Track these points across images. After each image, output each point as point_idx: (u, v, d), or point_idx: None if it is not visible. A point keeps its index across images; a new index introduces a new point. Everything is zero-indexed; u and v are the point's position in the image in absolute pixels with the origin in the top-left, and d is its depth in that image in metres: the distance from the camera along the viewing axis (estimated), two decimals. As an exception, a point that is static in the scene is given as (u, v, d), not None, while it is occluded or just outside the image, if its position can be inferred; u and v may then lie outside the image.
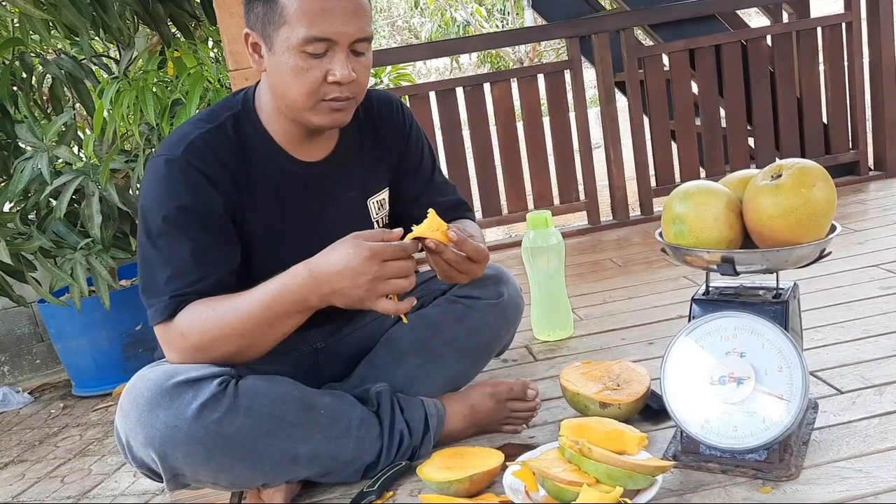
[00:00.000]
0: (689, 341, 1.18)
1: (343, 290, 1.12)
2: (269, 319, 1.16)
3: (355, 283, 1.11)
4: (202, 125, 1.24)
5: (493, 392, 1.40)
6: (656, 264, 2.51)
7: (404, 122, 1.45)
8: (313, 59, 1.15)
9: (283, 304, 1.16)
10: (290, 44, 1.15)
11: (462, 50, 3.58)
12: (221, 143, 1.23)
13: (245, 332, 1.16)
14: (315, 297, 1.15)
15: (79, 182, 2.55)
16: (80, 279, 2.60)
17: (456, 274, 1.20)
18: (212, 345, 1.17)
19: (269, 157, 1.27)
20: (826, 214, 1.08)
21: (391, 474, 1.27)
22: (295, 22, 1.13)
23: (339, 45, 1.16)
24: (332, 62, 1.16)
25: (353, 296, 1.13)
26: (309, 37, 1.13)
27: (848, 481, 1.09)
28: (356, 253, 1.11)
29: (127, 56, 2.64)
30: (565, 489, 1.06)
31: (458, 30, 12.09)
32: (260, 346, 1.20)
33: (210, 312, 1.16)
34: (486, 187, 3.15)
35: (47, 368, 3.42)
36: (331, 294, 1.14)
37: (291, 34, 1.14)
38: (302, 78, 1.16)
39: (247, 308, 1.16)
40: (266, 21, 1.16)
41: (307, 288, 1.14)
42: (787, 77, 3.20)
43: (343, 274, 1.11)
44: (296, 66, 1.15)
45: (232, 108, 1.28)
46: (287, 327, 1.19)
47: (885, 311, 1.75)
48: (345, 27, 1.15)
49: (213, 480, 1.19)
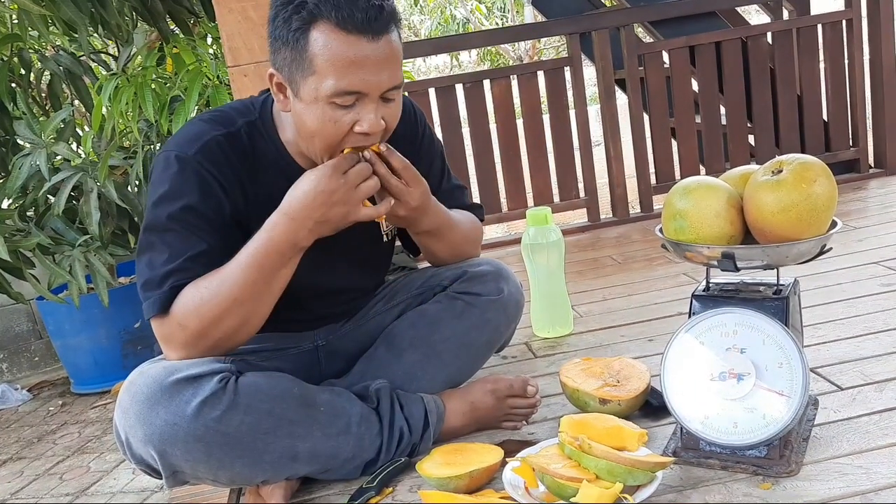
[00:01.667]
0: (690, 337, 1.18)
1: (324, 215, 1.16)
2: (265, 277, 1.17)
3: (331, 200, 1.15)
4: (217, 127, 1.22)
5: (492, 389, 1.40)
6: (656, 261, 2.51)
7: (416, 128, 1.43)
8: (342, 110, 1.13)
9: (275, 257, 1.16)
10: (318, 94, 1.11)
11: (461, 46, 3.59)
12: (235, 149, 1.22)
13: (243, 298, 1.16)
14: (303, 235, 1.17)
15: (77, 179, 2.54)
16: (79, 276, 2.59)
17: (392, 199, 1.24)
18: (213, 325, 1.16)
19: (282, 170, 1.25)
20: (827, 210, 1.08)
21: (391, 470, 1.27)
22: (324, 73, 1.10)
23: (370, 97, 1.13)
24: (361, 112, 1.13)
25: (335, 216, 1.16)
26: (339, 90, 1.10)
27: (848, 477, 1.09)
28: (318, 176, 1.15)
29: (125, 52, 2.64)
30: (565, 485, 1.05)
31: (458, 27, 12.09)
32: (260, 311, 1.20)
33: (203, 291, 1.15)
34: (485, 185, 3.15)
35: (46, 366, 3.41)
36: (315, 226, 1.16)
37: (320, 85, 1.11)
38: (329, 129, 1.14)
39: (238, 275, 1.16)
40: (293, 67, 1.13)
41: (291, 230, 1.16)
42: (788, 74, 3.19)
43: (317, 200, 1.14)
44: (323, 116, 1.13)
45: (248, 115, 1.26)
46: (282, 280, 1.20)
47: (886, 308, 1.74)
48: (376, 77, 1.11)
49: (212, 478, 1.18)
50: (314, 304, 1.40)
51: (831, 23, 3.17)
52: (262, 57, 1.96)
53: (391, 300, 1.49)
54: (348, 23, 1.08)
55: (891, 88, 3.23)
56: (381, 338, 1.44)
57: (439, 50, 3.47)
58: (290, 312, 1.34)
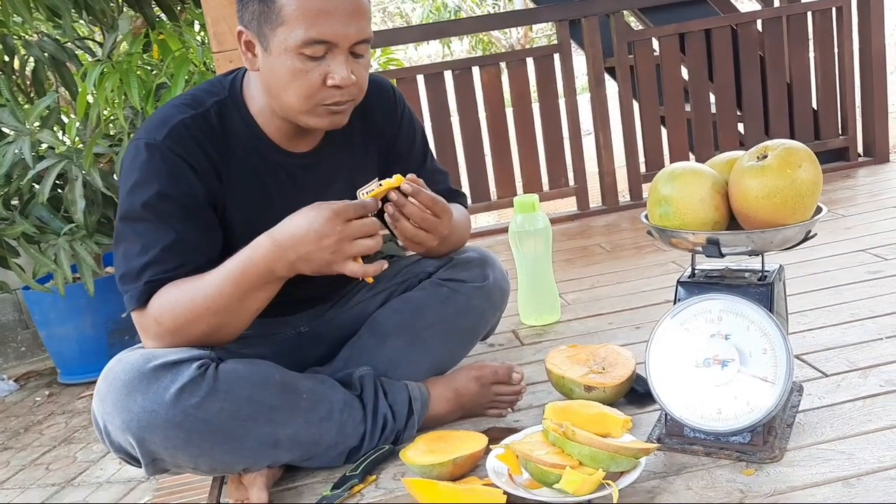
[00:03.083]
0: (675, 324, 1.18)
1: (308, 254, 1.11)
2: (239, 294, 1.15)
3: (320, 245, 1.10)
4: (185, 110, 1.21)
5: (477, 376, 1.39)
6: (645, 250, 2.51)
7: (395, 107, 1.42)
8: (312, 62, 1.12)
9: (251, 278, 1.14)
10: (287, 45, 1.11)
11: (451, 33, 3.56)
12: (204, 129, 1.21)
13: (217, 310, 1.15)
14: (281, 266, 1.13)
15: (62, 166, 2.52)
16: (64, 265, 2.57)
17: (421, 234, 1.21)
18: (185, 326, 1.15)
19: (255, 147, 1.24)
20: (811, 195, 1.07)
21: (374, 458, 1.26)
22: (293, 23, 1.10)
23: (339, 48, 1.12)
24: (332, 65, 1.13)
25: (319, 260, 1.12)
26: (308, 39, 1.10)
27: (831, 463, 1.09)
28: (318, 215, 1.10)
29: (111, 38, 2.60)
30: (548, 471, 1.05)
31: (450, 14, 12.03)
32: (234, 323, 1.19)
33: (180, 294, 1.15)
34: (474, 173, 3.14)
35: (32, 356, 3.39)
36: (297, 261, 1.12)
37: (289, 35, 1.10)
38: (300, 81, 1.13)
39: (215, 285, 1.14)
40: (262, 20, 1.12)
41: (272, 257, 1.13)
42: (778, 62, 3.19)
43: (307, 238, 1.10)
44: (293, 68, 1.12)
45: (217, 93, 1.25)
46: (258, 302, 1.18)
47: (872, 296, 1.75)
48: (345, 29, 1.11)
49: (192, 465, 1.17)
50: (294, 286, 1.38)
51: (821, 11, 3.16)
52: (246, 42, 1.94)
53: (375, 287, 1.48)
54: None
55: (880, 76, 3.23)
56: (366, 325, 1.43)
57: (428, 36, 3.44)
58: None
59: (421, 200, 1.19)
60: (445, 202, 1.24)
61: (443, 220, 1.23)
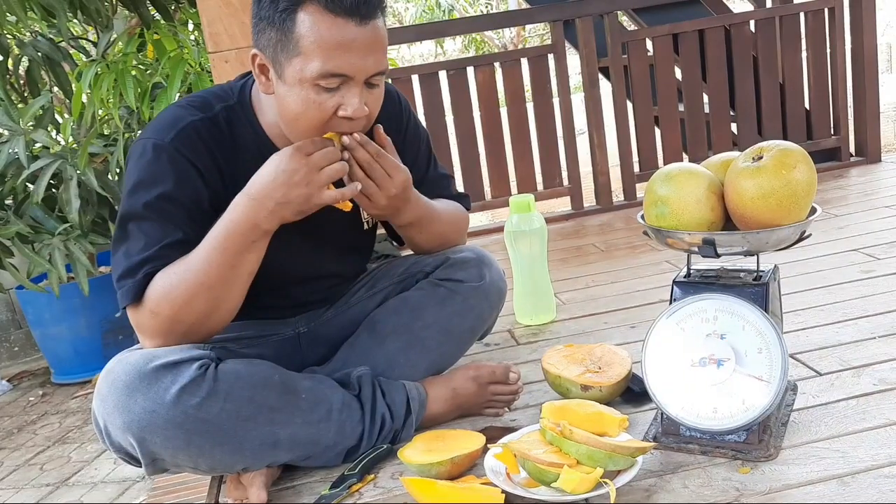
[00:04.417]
0: (670, 323, 1.18)
1: (285, 196, 1.13)
2: (230, 260, 1.15)
3: (292, 182, 1.12)
4: (194, 112, 1.21)
5: (475, 375, 1.40)
6: (639, 249, 2.52)
7: (401, 115, 1.42)
8: (326, 93, 1.11)
9: (237, 238, 1.15)
10: (303, 76, 1.10)
11: (445, 33, 3.57)
12: (213, 133, 1.21)
13: (211, 282, 1.15)
14: (264, 218, 1.14)
15: (56, 166, 2.52)
16: (59, 265, 2.56)
17: (372, 186, 1.21)
18: (184, 309, 1.15)
19: (263, 156, 1.22)
20: (806, 196, 1.08)
21: (373, 457, 1.27)
22: (311, 55, 1.09)
23: (355, 81, 1.12)
24: (346, 96, 1.12)
25: (296, 197, 1.13)
26: (325, 72, 1.09)
27: (825, 461, 1.10)
28: (281, 158, 1.14)
29: (105, 38, 2.60)
30: (546, 470, 1.06)
31: (443, 14, 12.02)
32: (230, 296, 1.19)
33: (171, 277, 1.15)
34: (469, 173, 3.14)
35: (26, 356, 3.38)
36: (276, 207, 1.14)
37: (306, 67, 1.09)
38: (312, 111, 1.13)
39: (204, 258, 1.15)
40: (278, 48, 1.11)
41: (252, 211, 1.14)
42: (771, 63, 3.21)
43: (278, 180, 1.12)
44: (307, 98, 1.11)
45: (226, 99, 1.25)
46: (250, 264, 1.18)
47: (865, 295, 1.76)
48: (363, 62, 1.11)
49: (192, 465, 1.18)
50: (294, 289, 1.39)
51: (814, 11, 3.18)
52: (242, 43, 1.94)
53: (373, 287, 1.49)
54: (337, 5, 1.07)
55: (872, 77, 3.25)
56: (364, 325, 1.43)
57: (422, 36, 3.45)
58: (271, 299, 1.34)
59: (368, 150, 1.20)
60: (400, 163, 1.25)
61: (393, 178, 1.23)
